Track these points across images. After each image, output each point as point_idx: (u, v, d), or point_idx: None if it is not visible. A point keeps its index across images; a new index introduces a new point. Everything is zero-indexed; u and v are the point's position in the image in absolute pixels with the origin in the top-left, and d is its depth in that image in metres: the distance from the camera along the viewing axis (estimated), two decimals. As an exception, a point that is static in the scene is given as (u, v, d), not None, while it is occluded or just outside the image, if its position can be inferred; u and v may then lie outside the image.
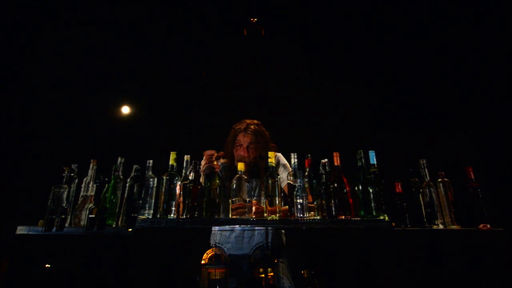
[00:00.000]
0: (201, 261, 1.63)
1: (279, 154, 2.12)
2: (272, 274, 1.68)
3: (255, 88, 4.03)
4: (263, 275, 1.66)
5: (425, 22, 3.56)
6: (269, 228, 1.91)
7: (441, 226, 1.61)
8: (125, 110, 4.13)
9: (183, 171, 1.52)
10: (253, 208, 1.55)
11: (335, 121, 3.83)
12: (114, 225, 1.43)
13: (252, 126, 2.04)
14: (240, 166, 1.60)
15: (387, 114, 3.70)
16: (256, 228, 1.91)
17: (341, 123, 3.83)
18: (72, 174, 1.58)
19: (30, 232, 1.43)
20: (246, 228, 1.93)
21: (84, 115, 3.67)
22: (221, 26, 3.92)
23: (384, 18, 3.62)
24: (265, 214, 1.52)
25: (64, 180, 1.51)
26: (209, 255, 1.65)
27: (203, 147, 1.79)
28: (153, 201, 1.46)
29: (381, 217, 1.48)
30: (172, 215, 1.45)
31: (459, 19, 3.41)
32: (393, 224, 1.51)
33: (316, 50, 3.99)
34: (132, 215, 1.45)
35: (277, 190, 1.52)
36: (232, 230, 1.96)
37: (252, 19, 3.91)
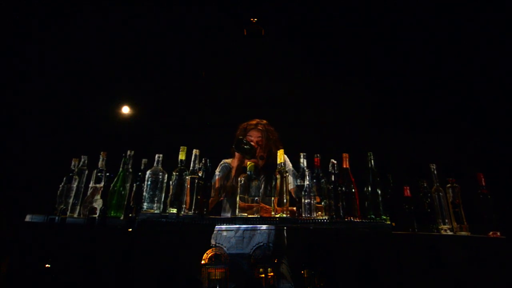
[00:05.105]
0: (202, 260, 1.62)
1: (285, 155, 2.13)
2: (272, 274, 1.67)
3: (257, 88, 4.04)
4: (263, 275, 1.65)
5: (428, 20, 3.54)
6: (271, 228, 1.91)
7: (449, 232, 1.59)
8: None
9: (191, 164, 1.51)
10: (261, 209, 1.54)
11: (341, 122, 3.83)
12: (121, 218, 1.43)
13: (262, 124, 2.10)
14: (250, 166, 1.59)
15: (391, 115, 3.69)
16: (258, 227, 1.90)
17: (345, 123, 3.84)
18: (78, 168, 1.58)
19: (32, 220, 1.43)
20: (250, 227, 1.92)
21: (94, 113, 3.72)
22: (224, 26, 3.93)
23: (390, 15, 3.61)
24: (272, 213, 1.51)
25: (74, 171, 1.52)
26: (209, 255, 1.65)
27: (208, 146, 1.78)
28: (162, 195, 1.46)
29: (387, 222, 1.47)
30: (177, 210, 1.44)
31: (463, 17, 3.39)
32: (393, 224, 1.49)
33: (319, 49, 3.98)
34: (131, 215, 1.45)
35: (285, 189, 1.51)
36: (235, 229, 1.95)
37: (252, 19, 3.90)
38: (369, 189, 1.52)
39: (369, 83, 3.82)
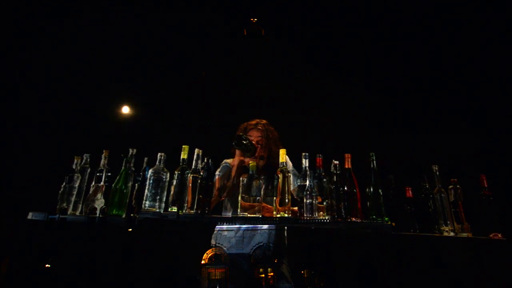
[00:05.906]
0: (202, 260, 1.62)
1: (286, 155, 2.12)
2: (272, 274, 1.67)
3: (257, 88, 4.04)
4: (263, 275, 1.65)
5: (428, 20, 3.54)
6: (272, 227, 1.91)
7: (451, 233, 1.59)
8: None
9: (193, 163, 1.51)
10: (263, 209, 1.54)
11: (342, 123, 3.84)
12: (124, 216, 1.42)
13: (262, 123, 2.09)
14: (252, 166, 1.59)
15: (393, 116, 3.70)
16: (258, 227, 1.90)
17: (346, 123, 3.85)
18: (81, 166, 1.59)
19: (33, 218, 1.44)
20: (250, 227, 1.92)
21: (95, 113, 3.73)
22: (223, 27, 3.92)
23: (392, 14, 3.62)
24: (274, 213, 1.50)
25: (76, 169, 1.52)
26: (209, 255, 1.64)
27: (210, 146, 1.78)
28: (164, 194, 1.45)
29: (388, 222, 1.47)
30: (178, 209, 1.43)
31: (463, 17, 3.39)
32: (394, 224, 1.49)
33: (319, 49, 3.98)
34: (132, 215, 1.44)
35: (287, 188, 1.51)
36: (235, 229, 1.95)
37: (252, 19, 3.90)
38: (371, 189, 1.52)
39: (369, 83, 3.82)
